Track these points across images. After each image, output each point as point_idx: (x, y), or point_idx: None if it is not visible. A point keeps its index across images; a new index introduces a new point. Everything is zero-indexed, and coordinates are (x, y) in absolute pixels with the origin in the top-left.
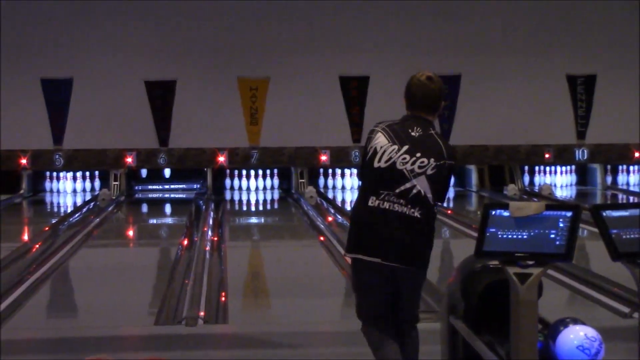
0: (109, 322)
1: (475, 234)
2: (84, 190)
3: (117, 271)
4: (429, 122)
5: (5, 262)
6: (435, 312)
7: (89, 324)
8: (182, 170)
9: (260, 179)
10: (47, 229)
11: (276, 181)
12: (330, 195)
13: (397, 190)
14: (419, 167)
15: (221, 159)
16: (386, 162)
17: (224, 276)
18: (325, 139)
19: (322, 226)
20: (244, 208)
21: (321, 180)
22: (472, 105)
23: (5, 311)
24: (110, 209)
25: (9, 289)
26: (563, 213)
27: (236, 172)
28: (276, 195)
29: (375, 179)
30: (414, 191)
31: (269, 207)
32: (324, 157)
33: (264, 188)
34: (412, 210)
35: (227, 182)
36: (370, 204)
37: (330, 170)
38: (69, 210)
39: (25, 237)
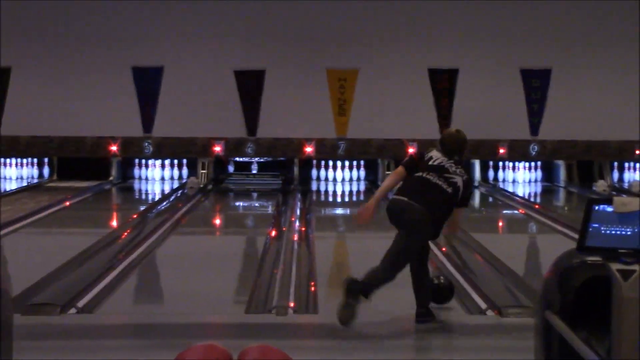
0: (198, 310)
1: (563, 229)
2: (172, 178)
3: (205, 259)
4: (456, 157)
5: (95, 248)
6: (526, 307)
7: (178, 311)
8: (268, 164)
9: (346, 170)
10: (135, 216)
11: (363, 173)
12: None
13: (440, 175)
14: (459, 173)
15: (308, 149)
16: (437, 163)
17: (312, 266)
18: (412, 131)
19: None
20: (330, 199)
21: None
22: (562, 99)
23: (96, 298)
24: (198, 197)
25: (99, 275)
26: None
27: (323, 162)
28: (362, 187)
29: (425, 169)
30: (452, 180)
31: (354, 198)
32: (411, 150)
33: (350, 179)
34: (447, 187)
35: (314, 172)
36: (417, 174)
37: None
38: (157, 198)
39: (115, 223)
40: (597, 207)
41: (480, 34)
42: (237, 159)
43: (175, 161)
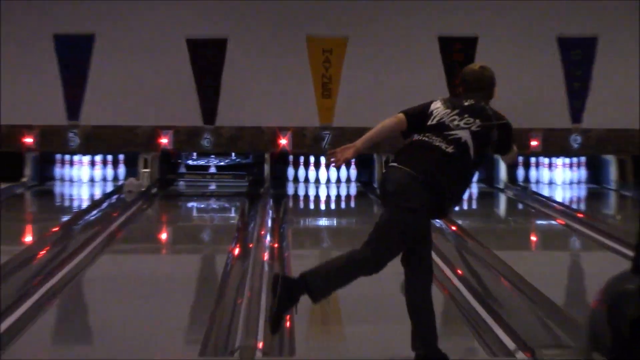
0: (137, 352)
1: (614, 245)
2: (104, 179)
3: (148, 286)
4: (482, 99)
5: (4, 271)
6: (567, 347)
7: (111, 355)
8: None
9: (333, 168)
10: (56, 229)
11: (354, 172)
12: None
13: (440, 135)
14: (465, 124)
15: (283, 141)
16: (438, 120)
17: None
18: None
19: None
20: (312, 206)
21: None
22: (612, 75)
23: (5, 336)
24: (138, 204)
25: (8, 307)
26: None
27: (302, 159)
28: (354, 190)
29: (423, 130)
30: (455, 137)
31: (344, 205)
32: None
33: (338, 180)
34: (448, 147)
35: (291, 172)
36: (415, 138)
37: None
38: (85, 205)
39: (29, 239)
40: None
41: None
42: (190, 160)
43: (110, 157)
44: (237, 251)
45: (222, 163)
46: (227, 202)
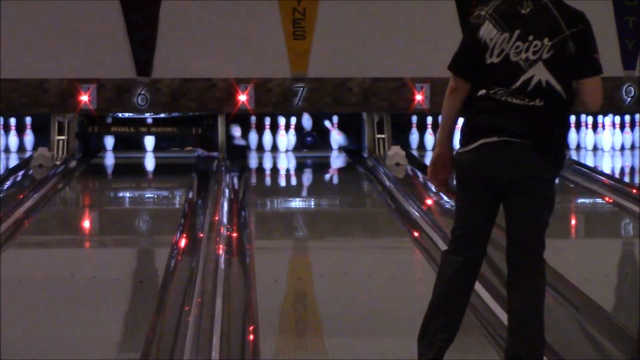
0: None
1: None
2: (7, 149)
3: (67, 288)
4: None
5: None
6: None
7: None
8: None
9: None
10: None
11: (338, 137)
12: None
13: (513, 87)
14: (533, 53)
15: (242, 97)
16: (498, 55)
17: (250, 299)
18: (422, 66)
19: (416, 213)
20: (282, 183)
21: (414, 136)
22: None
23: None
24: (52, 181)
25: None
26: None
27: (268, 121)
28: (338, 162)
29: (486, 79)
30: (533, 82)
31: (325, 180)
32: (418, 97)
33: (314, 146)
34: (532, 102)
35: (254, 138)
36: (481, 93)
37: (430, 119)
38: None
39: None
40: None
41: None
42: (121, 115)
43: (13, 121)
44: (183, 243)
45: (162, 115)
46: (169, 178)
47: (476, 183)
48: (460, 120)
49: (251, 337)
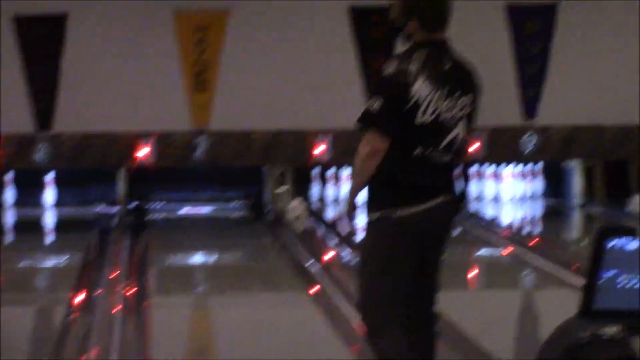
0: None
1: (579, 281)
2: None
3: None
4: (446, 43)
5: None
6: None
7: None
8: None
9: (210, 186)
10: None
11: (239, 190)
12: (330, 214)
13: (442, 145)
14: (459, 110)
15: (143, 152)
16: (432, 114)
17: (144, 356)
18: (327, 116)
19: (314, 268)
20: (182, 237)
21: (315, 189)
22: (577, 56)
23: None
24: None
25: None
26: None
27: (170, 174)
28: (237, 214)
29: (416, 138)
30: (457, 140)
31: (225, 234)
32: (319, 149)
33: (214, 199)
34: (453, 159)
35: (155, 191)
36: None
37: (333, 169)
38: None
39: None
40: (612, 244)
41: None
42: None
43: None
44: (79, 299)
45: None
46: (66, 234)
47: (417, 246)
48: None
49: None
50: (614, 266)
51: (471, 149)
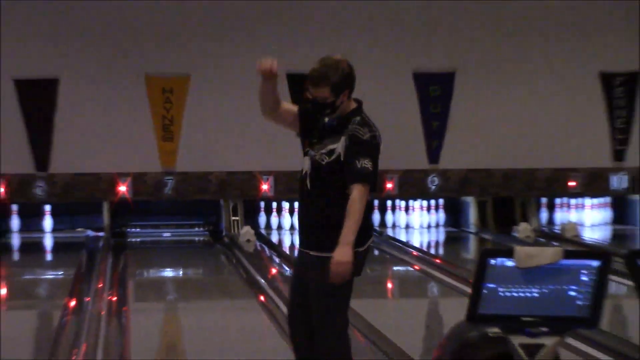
0: None
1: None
2: None
3: None
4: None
5: None
6: None
7: None
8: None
9: (177, 215)
10: None
11: (200, 218)
12: (274, 238)
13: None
14: (325, 153)
15: (122, 188)
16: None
17: (124, 352)
18: (270, 159)
19: (262, 281)
20: (154, 256)
21: (262, 218)
22: (471, 114)
23: None
24: None
25: None
26: (587, 262)
27: (145, 206)
28: (199, 238)
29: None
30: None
31: (189, 254)
32: (265, 186)
33: (181, 226)
34: None
35: (132, 219)
36: None
37: (274, 204)
38: None
39: None
40: (493, 261)
41: (360, 25)
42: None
43: None
44: (72, 304)
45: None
46: (63, 253)
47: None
48: None
49: None
50: (494, 280)
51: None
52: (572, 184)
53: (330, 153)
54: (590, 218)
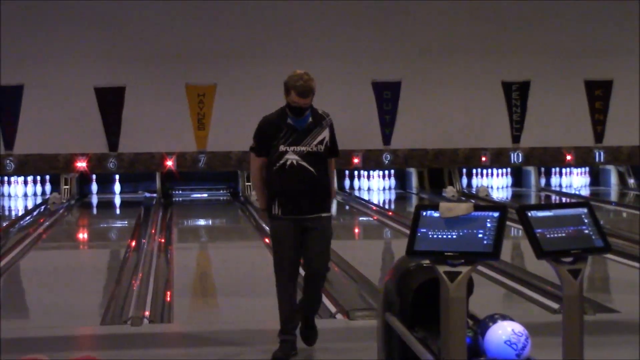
0: (58, 323)
1: None
2: (34, 194)
3: (66, 272)
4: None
5: None
6: (375, 310)
7: (38, 324)
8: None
9: (208, 182)
10: None
11: (224, 184)
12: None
13: None
14: None
15: (169, 163)
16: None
17: (169, 277)
18: None
19: (266, 228)
20: (192, 211)
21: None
22: (413, 110)
23: None
24: (61, 211)
25: None
26: (490, 214)
27: (185, 175)
28: (223, 197)
29: None
30: None
31: (216, 208)
32: None
33: (210, 189)
34: None
35: (176, 184)
36: None
37: None
38: (19, 214)
39: None
40: (424, 213)
41: (333, 49)
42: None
43: (38, 178)
44: (133, 244)
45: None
46: (128, 208)
47: None
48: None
49: (168, 298)
50: (426, 226)
51: (355, 161)
52: (483, 159)
53: (322, 142)
54: (496, 183)
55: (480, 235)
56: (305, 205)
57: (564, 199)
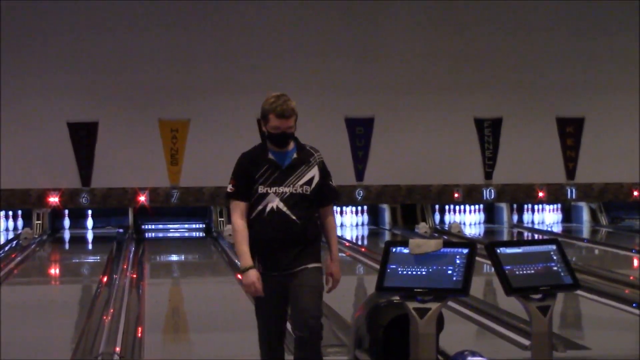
0: (29, 358)
1: None
2: (6, 229)
3: (37, 308)
4: None
5: None
6: (346, 346)
7: (9, 359)
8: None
9: (180, 217)
10: None
11: (197, 220)
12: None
13: None
14: None
15: (142, 198)
16: None
17: (141, 312)
18: None
19: (238, 263)
20: (165, 246)
21: None
22: (385, 146)
23: None
24: (32, 247)
25: None
26: (459, 250)
27: (158, 210)
28: (196, 233)
29: None
30: None
31: (189, 244)
32: None
33: (183, 224)
34: None
35: (149, 220)
36: None
37: None
38: None
39: None
40: (394, 249)
41: (305, 83)
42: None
43: (10, 213)
44: (105, 279)
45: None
46: (99, 244)
47: None
48: None
49: (139, 334)
50: (395, 262)
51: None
52: (456, 195)
53: (310, 182)
54: (469, 219)
55: (449, 272)
56: (285, 259)
57: (536, 236)
